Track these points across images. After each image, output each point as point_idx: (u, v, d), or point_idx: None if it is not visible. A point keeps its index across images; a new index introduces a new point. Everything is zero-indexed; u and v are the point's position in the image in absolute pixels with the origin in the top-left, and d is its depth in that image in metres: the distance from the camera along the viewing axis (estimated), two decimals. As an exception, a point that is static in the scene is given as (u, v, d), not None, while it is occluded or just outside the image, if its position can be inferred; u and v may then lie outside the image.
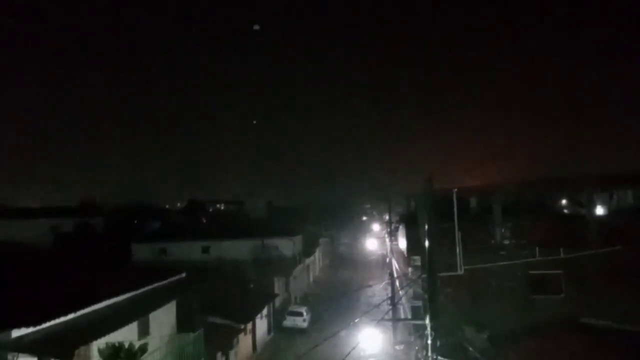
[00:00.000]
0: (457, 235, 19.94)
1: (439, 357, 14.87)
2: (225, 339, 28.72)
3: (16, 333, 12.99)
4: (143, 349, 18.12)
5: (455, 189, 20.99)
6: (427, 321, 14.77)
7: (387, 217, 50.55)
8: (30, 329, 13.31)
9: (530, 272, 22.89)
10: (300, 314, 43.22)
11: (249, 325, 34.97)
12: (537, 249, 22.73)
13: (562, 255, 22.75)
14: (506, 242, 23.66)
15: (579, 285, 22.55)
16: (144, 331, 19.73)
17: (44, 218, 62.56)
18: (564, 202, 43.38)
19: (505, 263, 22.86)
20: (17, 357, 12.91)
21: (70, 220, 62.25)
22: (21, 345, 12.92)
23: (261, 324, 39.15)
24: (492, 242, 23.73)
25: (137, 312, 18.74)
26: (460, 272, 20.33)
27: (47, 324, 13.92)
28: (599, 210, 36.57)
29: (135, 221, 63.38)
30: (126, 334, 17.56)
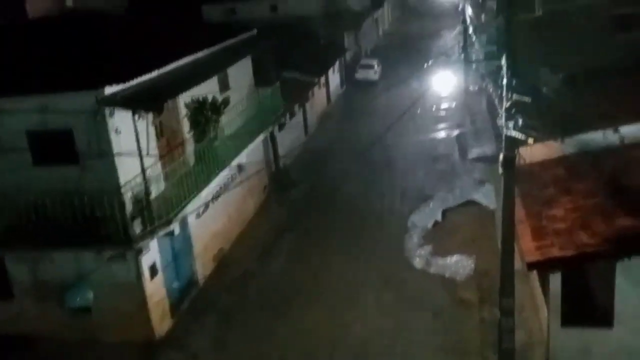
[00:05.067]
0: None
1: (514, 95, 14.94)
2: (300, 92, 29.96)
3: (108, 90, 13.74)
4: (226, 101, 19.40)
5: None
6: (503, 61, 14.64)
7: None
8: (121, 86, 14.12)
9: (615, 11, 21.32)
10: (372, 67, 43.61)
11: (322, 79, 35.98)
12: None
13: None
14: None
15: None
16: (224, 86, 20.68)
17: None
18: None
19: (587, 1, 21.25)
20: (113, 111, 14.02)
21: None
22: (115, 101, 13.84)
23: (334, 78, 40.13)
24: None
25: (216, 67, 19.45)
26: (538, 13, 19.27)
27: (136, 81, 14.74)
28: None
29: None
30: (209, 90, 18.65)
